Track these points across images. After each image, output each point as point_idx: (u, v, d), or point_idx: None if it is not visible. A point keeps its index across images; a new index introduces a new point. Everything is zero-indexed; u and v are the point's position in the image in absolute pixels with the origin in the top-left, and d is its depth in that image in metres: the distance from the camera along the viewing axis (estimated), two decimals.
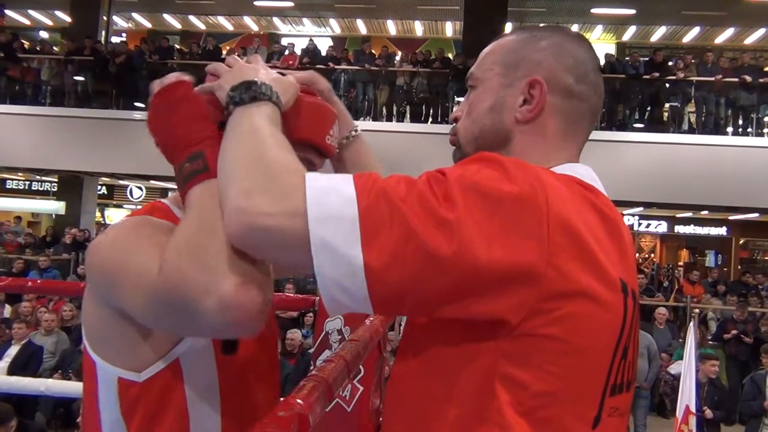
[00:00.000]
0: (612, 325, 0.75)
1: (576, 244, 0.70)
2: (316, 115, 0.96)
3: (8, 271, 9.75)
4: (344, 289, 0.68)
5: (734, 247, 17.17)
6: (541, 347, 0.70)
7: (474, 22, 12.94)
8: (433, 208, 0.67)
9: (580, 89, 0.86)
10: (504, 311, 0.69)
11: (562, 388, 0.71)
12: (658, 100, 11.47)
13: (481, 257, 0.66)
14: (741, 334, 7.97)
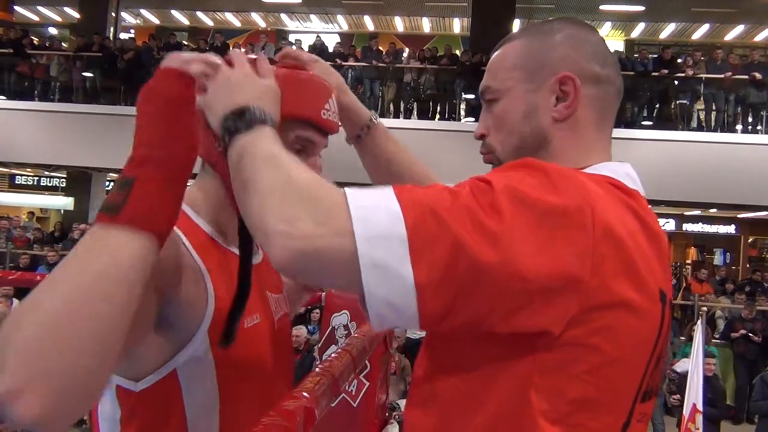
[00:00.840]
0: (648, 334, 0.75)
1: (619, 254, 0.70)
2: (308, 90, 0.94)
3: (17, 265, 9.82)
4: (393, 307, 0.66)
5: (743, 245, 17.07)
6: (579, 357, 0.70)
7: (482, 18, 12.90)
8: (481, 220, 0.66)
9: (607, 73, 0.86)
10: (549, 323, 0.68)
11: (597, 396, 0.71)
12: (666, 97, 11.42)
13: (530, 269, 0.65)
14: (749, 333, 7.93)
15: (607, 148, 0.87)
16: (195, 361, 0.88)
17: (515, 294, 0.66)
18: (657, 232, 0.78)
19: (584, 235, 0.67)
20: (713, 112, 11.21)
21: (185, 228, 0.91)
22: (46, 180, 18.27)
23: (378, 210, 0.67)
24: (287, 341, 1.08)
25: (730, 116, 11.14)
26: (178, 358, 0.87)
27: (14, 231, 12.01)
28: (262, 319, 0.99)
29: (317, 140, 0.97)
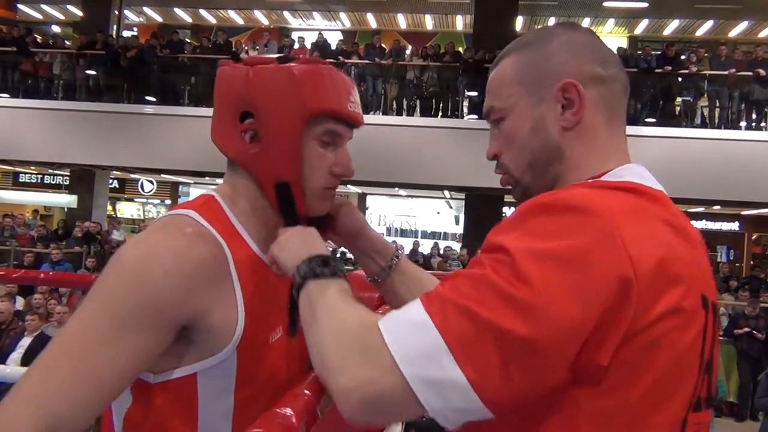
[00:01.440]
0: (696, 341, 0.73)
1: (659, 270, 0.68)
2: (333, 83, 0.96)
3: (21, 263, 9.84)
4: (459, 411, 0.66)
5: (746, 242, 17.05)
6: (629, 375, 0.68)
7: (485, 15, 12.87)
8: (511, 296, 0.65)
9: (610, 72, 0.85)
10: (602, 358, 0.67)
11: (649, 410, 0.70)
12: (670, 94, 11.39)
13: (574, 319, 0.65)
14: (752, 330, 7.92)
15: (623, 147, 0.86)
16: (217, 372, 0.90)
17: (568, 347, 0.65)
18: (691, 236, 0.76)
19: (618, 264, 0.66)
20: (717, 108, 11.18)
21: (232, 244, 0.92)
22: (49, 178, 18.33)
23: (409, 326, 0.68)
24: (303, 347, 1.08)
25: (734, 113, 11.11)
26: (200, 366, 0.89)
27: (18, 229, 12.05)
28: (283, 333, 1.00)
29: (344, 133, 0.99)
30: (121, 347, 0.81)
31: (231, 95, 0.97)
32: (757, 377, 7.34)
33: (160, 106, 12.03)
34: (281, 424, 0.68)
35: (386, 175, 11.14)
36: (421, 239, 15.40)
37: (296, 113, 0.93)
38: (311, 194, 0.98)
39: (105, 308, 0.82)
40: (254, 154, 0.95)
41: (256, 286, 0.94)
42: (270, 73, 0.95)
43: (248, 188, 0.99)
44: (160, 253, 0.84)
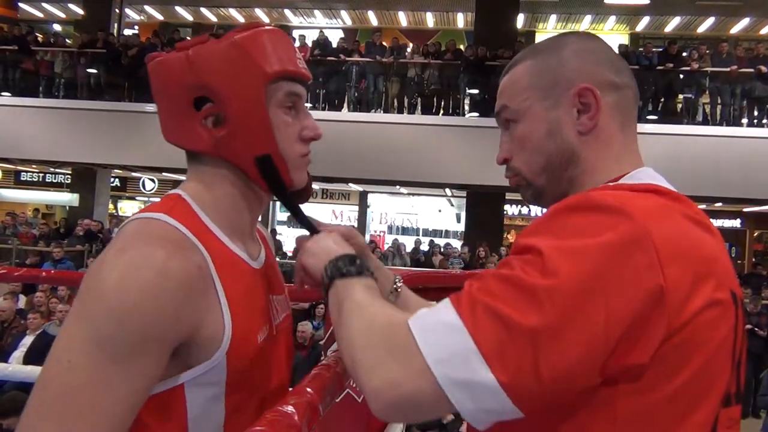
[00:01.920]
0: (729, 335, 0.73)
1: (689, 266, 0.68)
2: (279, 44, 0.92)
3: (23, 262, 9.86)
4: (490, 411, 0.67)
5: (748, 239, 17.02)
6: (667, 372, 0.69)
7: (486, 13, 12.86)
8: (538, 294, 0.65)
9: (623, 80, 0.86)
10: (639, 356, 0.67)
11: (683, 405, 0.70)
12: (671, 91, 11.36)
13: (603, 320, 0.65)
14: (754, 327, 7.92)
15: (636, 151, 0.87)
16: (206, 380, 0.84)
17: (601, 344, 0.65)
18: (714, 232, 0.77)
19: (649, 260, 0.66)
20: (718, 105, 11.16)
21: (209, 245, 0.87)
22: (51, 176, 18.35)
23: (439, 327, 0.68)
24: (287, 344, 1.06)
25: (735, 110, 11.08)
26: (187, 375, 0.83)
27: (20, 227, 12.06)
28: (269, 329, 0.96)
29: (302, 93, 0.95)
30: (121, 386, 0.75)
31: (176, 85, 0.90)
32: (759, 374, 7.35)
33: None
34: (283, 422, 0.68)
35: (387, 173, 11.14)
36: (422, 237, 15.39)
37: (255, 81, 0.88)
38: (291, 166, 0.93)
39: (94, 345, 0.74)
40: (223, 137, 0.89)
41: (238, 286, 0.89)
42: (213, 50, 0.89)
43: (221, 177, 0.93)
44: (142, 273, 0.76)
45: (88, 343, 0.75)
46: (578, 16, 17.05)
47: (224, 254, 0.89)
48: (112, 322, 0.75)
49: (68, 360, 0.74)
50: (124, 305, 0.75)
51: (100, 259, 0.80)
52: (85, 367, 0.74)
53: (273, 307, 1.00)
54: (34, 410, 0.74)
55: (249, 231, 0.99)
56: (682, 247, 0.69)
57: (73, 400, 0.73)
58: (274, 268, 1.07)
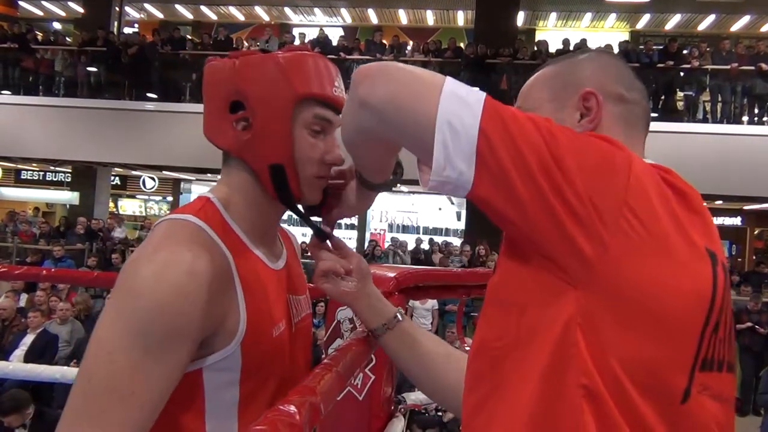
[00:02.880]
0: (698, 291, 0.73)
1: (650, 207, 0.71)
2: (318, 69, 1.00)
3: (23, 261, 9.87)
4: (454, 133, 0.71)
5: (749, 237, 17.03)
6: (620, 298, 0.70)
7: (486, 11, 12.85)
8: (542, 128, 0.72)
9: (632, 96, 0.89)
10: (580, 237, 0.69)
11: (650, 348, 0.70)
12: (672, 89, 11.36)
13: (575, 180, 0.69)
14: (755, 325, 7.92)
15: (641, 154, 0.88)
16: (222, 366, 0.92)
17: (556, 189, 0.69)
18: (700, 202, 0.79)
19: (623, 176, 0.71)
20: (719, 103, 11.15)
21: (231, 246, 0.94)
22: (51, 175, 18.35)
23: (461, 100, 0.73)
24: (306, 341, 1.13)
25: (736, 107, 11.09)
26: (205, 362, 0.91)
27: (20, 226, 12.07)
28: (286, 326, 1.03)
29: (333, 118, 1.01)
30: (156, 374, 0.83)
31: (219, 87, 0.99)
32: (760, 372, 7.35)
33: (161, 103, 12.03)
34: (285, 421, 0.68)
35: None
36: (422, 235, 15.39)
37: (284, 97, 0.96)
38: (304, 183, 1.01)
39: (132, 338, 0.82)
40: (246, 140, 0.98)
41: (255, 284, 0.97)
42: (256, 62, 0.98)
43: (244, 181, 1.01)
44: (172, 272, 0.84)
45: (126, 336, 0.82)
46: (578, 14, 17.04)
47: (245, 255, 0.97)
48: (146, 317, 0.82)
49: (108, 352, 0.81)
50: (157, 303, 0.83)
51: (135, 257, 0.88)
52: (124, 358, 0.81)
53: (292, 305, 1.08)
54: (81, 397, 0.81)
55: (270, 233, 1.07)
56: (651, 193, 0.72)
57: (115, 387, 0.80)
58: (296, 269, 1.15)
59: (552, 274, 0.72)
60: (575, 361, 0.70)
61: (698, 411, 0.73)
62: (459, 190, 0.73)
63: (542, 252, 0.72)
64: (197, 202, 1.00)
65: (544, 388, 0.71)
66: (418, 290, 1.85)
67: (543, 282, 0.73)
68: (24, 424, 4.37)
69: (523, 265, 0.75)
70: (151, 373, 0.82)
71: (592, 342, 0.70)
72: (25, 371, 3.76)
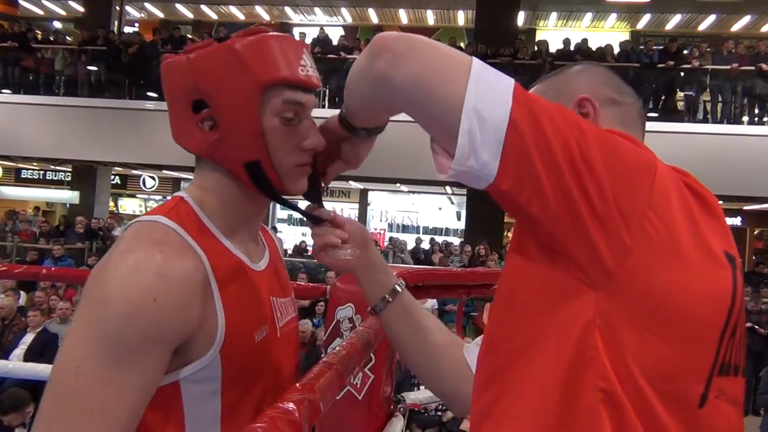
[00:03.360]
0: (719, 296, 0.73)
1: (673, 214, 0.71)
2: (281, 50, 0.90)
3: (23, 259, 9.86)
4: (482, 121, 0.68)
5: (749, 237, 17.01)
6: (641, 302, 0.69)
7: (486, 11, 12.84)
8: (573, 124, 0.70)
9: (624, 98, 0.91)
10: (601, 242, 0.68)
11: (668, 354, 0.69)
12: (672, 88, 11.36)
13: (603, 176, 0.68)
14: (755, 326, 7.92)
15: None
16: (201, 377, 0.86)
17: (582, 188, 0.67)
18: (716, 206, 0.79)
19: (645, 181, 0.70)
20: (719, 103, 11.15)
21: (206, 246, 0.89)
22: (51, 174, 18.34)
23: (491, 85, 0.70)
24: (292, 347, 1.07)
25: (736, 108, 11.08)
26: (182, 373, 0.85)
27: (20, 225, 12.07)
28: (270, 330, 0.97)
29: (305, 99, 0.93)
30: (130, 386, 0.78)
31: (178, 87, 0.92)
32: (759, 372, 7.35)
33: (161, 102, 11.98)
34: (284, 418, 0.68)
35: (388, 171, 11.12)
36: (422, 235, 15.38)
37: (247, 88, 0.88)
38: (284, 174, 0.93)
39: (100, 349, 0.77)
40: (215, 141, 0.90)
41: (235, 285, 0.91)
42: (211, 54, 0.89)
43: (218, 181, 0.94)
44: (141, 276, 0.79)
45: (93, 346, 0.77)
46: (579, 14, 17.03)
47: (222, 256, 0.91)
48: (116, 325, 0.77)
49: (76, 365, 0.77)
50: (125, 309, 0.78)
51: (103, 263, 0.83)
52: (93, 371, 0.76)
53: (276, 308, 1.01)
54: (46, 415, 0.77)
55: (250, 233, 1.01)
56: (673, 197, 0.72)
57: (84, 403, 0.76)
58: (278, 270, 1.08)
59: (571, 274, 0.70)
60: (594, 365, 0.68)
61: (714, 415, 0.72)
62: (480, 181, 0.70)
63: (562, 250, 0.70)
64: (170, 202, 0.94)
65: (560, 391, 0.70)
66: (418, 290, 1.85)
67: (561, 282, 0.71)
68: (24, 423, 4.38)
69: (540, 264, 0.73)
70: (125, 385, 0.77)
71: (611, 345, 0.68)
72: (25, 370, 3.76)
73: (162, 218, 0.88)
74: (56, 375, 0.78)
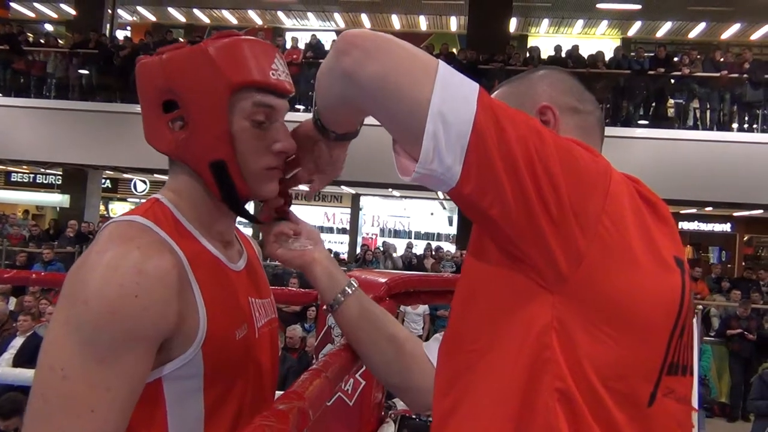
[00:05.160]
0: (668, 298, 0.75)
1: (627, 218, 0.73)
2: (251, 53, 0.92)
3: (12, 263, 9.79)
4: (447, 125, 0.68)
5: (738, 243, 17.11)
6: (595, 305, 0.71)
7: (479, 17, 12.89)
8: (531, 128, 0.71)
9: (585, 106, 0.92)
10: (557, 247, 0.69)
11: (620, 354, 0.72)
12: (662, 95, 11.43)
13: (561, 185, 0.69)
14: (744, 331, 7.96)
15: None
16: (183, 374, 0.86)
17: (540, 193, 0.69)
18: (666, 212, 0.80)
19: (600, 187, 0.72)
20: (709, 110, 11.23)
21: (183, 243, 0.89)
22: (41, 177, 18.24)
23: (458, 90, 0.71)
24: (272, 348, 1.06)
25: (725, 115, 11.16)
26: (164, 370, 0.85)
27: (10, 228, 11.99)
28: (249, 329, 0.97)
29: (276, 103, 0.94)
30: (116, 384, 0.78)
31: (151, 87, 0.93)
32: (749, 378, 7.38)
33: None
34: (274, 426, 0.68)
35: (380, 176, 11.12)
36: (414, 240, 15.39)
37: (217, 89, 0.89)
38: (253, 177, 0.94)
39: (83, 350, 0.77)
40: (183, 140, 0.91)
41: (214, 282, 0.92)
42: (184, 55, 0.91)
43: (190, 185, 0.95)
44: (119, 274, 0.79)
45: (77, 348, 0.77)
46: (570, 21, 17.13)
47: (200, 254, 0.92)
48: (96, 324, 0.77)
49: (61, 368, 0.76)
50: (105, 307, 0.77)
51: (79, 263, 0.83)
52: (79, 373, 0.76)
53: (254, 309, 1.01)
54: (34, 419, 0.77)
55: (226, 233, 1.01)
56: (625, 204, 0.74)
57: (71, 405, 0.76)
58: (257, 272, 1.08)
59: (529, 277, 0.72)
60: (550, 365, 0.71)
61: (663, 413, 0.75)
62: (442, 185, 0.71)
63: (520, 254, 0.72)
64: (146, 203, 0.95)
65: (519, 391, 0.72)
66: (409, 295, 1.85)
67: (519, 285, 0.73)
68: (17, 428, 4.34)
69: (500, 267, 0.75)
70: (110, 384, 0.77)
71: (566, 346, 0.71)
72: (14, 375, 3.73)
73: (138, 218, 0.89)
74: (41, 378, 0.77)
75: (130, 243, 0.83)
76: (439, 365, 0.84)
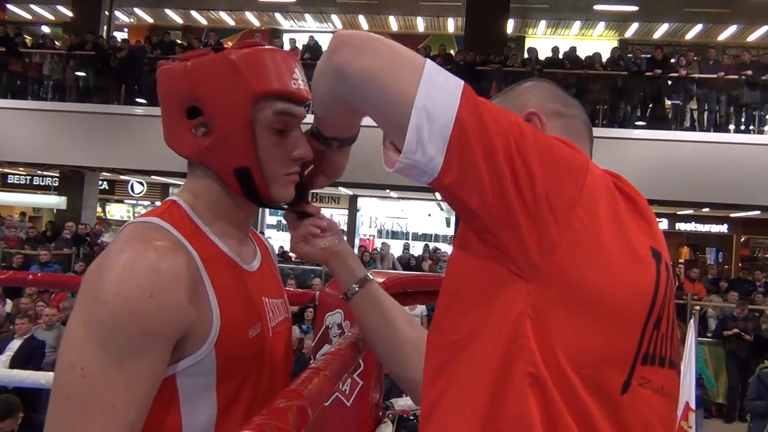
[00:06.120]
0: (641, 288, 0.77)
1: (601, 210, 0.75)
2: (273, 63, 0.95)
3: (9, 265, 9.77)
4: (431, 118, 0.71)
5: (735, 244, 17.15)
6: (567, 293, 0.73)
7: (476, 18, 12.91)
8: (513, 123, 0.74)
9: (570, 111, 0.95)
10: (531, 236, 0.72)
11: (593, 340, 0.73)
12: (659, 97, 11.45)
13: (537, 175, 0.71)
14: (741, 332, 7.98)
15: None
16: (197, 370, 0.89)
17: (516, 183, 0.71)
18: (645, 207, 0.82)
19: (576, 179, 0.74)
20: (706, 111, 11.25)
21: (198, 244, 0.92)
22: (38, 179, 18.20)
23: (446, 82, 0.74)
24: (285, 347, 1.09)
25: (722, 116, 11.18)
26: (178, 366, 0.88)
27: (7, 230, 11.96)
28: (262, 329, 0.99)
29: (296, 112, 0.97)
30: (135, 381, 0.81)
31: (173, 93, 0.96)
32: (746, 378, 7.39)
33: (150, 107, 11.97)
34: (273, 425, 0.68)
35: (377, 177, 11.13)
36: (412, 241, 15.39)
37: (241, 98, 0.92)
38: (272, 182, 0.97)
39: (103, 349, 0.80)
40: (207, 146, 0.94)
41: (227, 282, 0.94)
42: (208, 63, 0.94)
43: (209, 187, 0.98)
44: (136, 274, 0.82)
45: (96, 347, 0.80)
46: (567, 22, 17.16)
47: (214, 254, 0.94)
48: (115, 324, 0.80)
49: (81, 367, 0.79)
50: (124, 306, 0.80)
51: (98, 263, 0.85)
52: (98, 371, 0.79)
53: (268, 308, 1.04)
54: (57, 417, 0.80)
55: (240, 236, 1.04)
56: (601, 198, 0.76)
57: (93, 403, 0.79)
58: (271, 272, 1.12)
59: (505, 266, 0.75)
60: (523, 352, 0.73)
61: (639, 402, 0.76)
62: (424, 176, 0.74)
63: (497, 243, 0.74)
64: (163, 205, 0.97)
65: (495, 378, 0.74)
66: (407, 296, 1.86)
67: (497, 274, 0.75)
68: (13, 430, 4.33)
69: (479, 257, 0.78)
70: (130, 381, 0.80)
71: (540, 333, 0.73)
72: (10, 377, 3.73)
73: (155, 219, 0.91)
74: (62, 378, 0.80)
75: (147, 244, 0.85)
76: (427, 356, 0.86)
